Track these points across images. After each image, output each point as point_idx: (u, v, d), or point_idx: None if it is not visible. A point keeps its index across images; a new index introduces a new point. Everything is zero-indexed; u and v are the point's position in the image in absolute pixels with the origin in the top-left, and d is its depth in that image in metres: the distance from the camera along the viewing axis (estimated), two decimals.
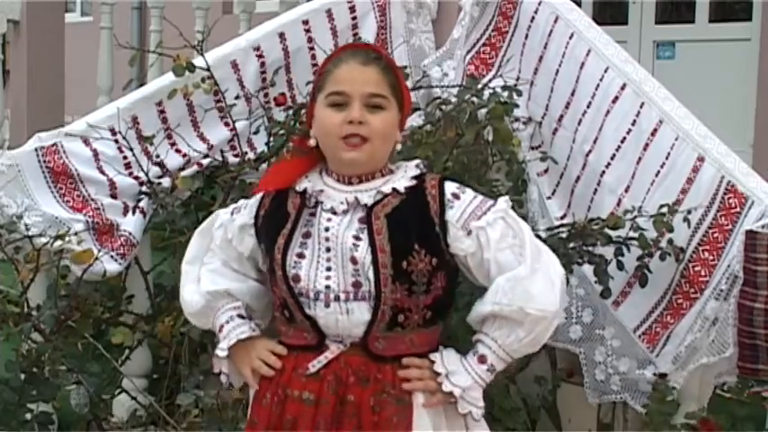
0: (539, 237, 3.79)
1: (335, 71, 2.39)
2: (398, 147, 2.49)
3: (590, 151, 4.01)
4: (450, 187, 2.43)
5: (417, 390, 2.39)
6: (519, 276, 2.36)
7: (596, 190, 3.95)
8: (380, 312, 2.34)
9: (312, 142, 2.45)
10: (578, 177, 4.05)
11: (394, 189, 2.40)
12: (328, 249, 2.38)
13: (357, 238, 2.36)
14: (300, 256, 2.38)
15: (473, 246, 2.38)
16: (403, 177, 2.44)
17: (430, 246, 2.37)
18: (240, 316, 2.53)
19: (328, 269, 2.37)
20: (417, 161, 2.51)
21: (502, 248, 2.37)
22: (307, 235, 2.40)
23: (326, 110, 2.39)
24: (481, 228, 2.38)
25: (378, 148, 2.39)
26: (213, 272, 2.58)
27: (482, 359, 2.41)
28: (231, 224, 2.55)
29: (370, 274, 2.33)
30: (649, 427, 3.56)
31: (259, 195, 2.52)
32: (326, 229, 2.39)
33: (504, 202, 2.43)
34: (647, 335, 3.73)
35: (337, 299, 2.35)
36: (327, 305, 2.35)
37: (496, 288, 2.37)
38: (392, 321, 2.36)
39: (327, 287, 2.35)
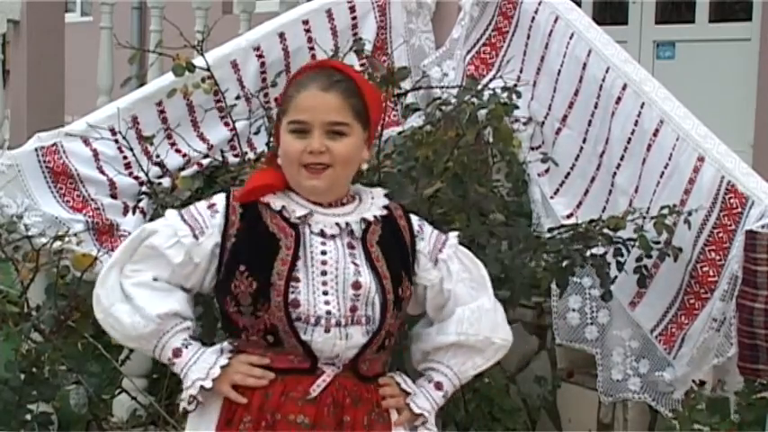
0: (537, 239, 3.83)
1: (297, 98, 2.34)
2: (365, 166, 2.46)
3: (603, 152, 4.02)
4: (414, 218, 2.51)
5: (392, 407, 2.44)
6: (484, 308, 2.48)
7: (611, 191, 3.97)
8: (377, 337, 2.37)
9: (280, 161, 2.42)
10: (593, 178, 4.06)
11: (375, 217, 2.42)
12: (324, 273, 2.34)
13: (355, 264, 2.36)
14: (296, 280, 2.33)
15: (437, 277, 2.47)
16: (373, 205, 2.45)
17: (408, 274, 2.44)
18: (193, 338, 2.43)
19: (325, 293, 2.34)
20: (383, 190, 2.52)
21: (458, 281, 2.47)
22: (296, 258, 2.35)
23: (288, 136, 2.36)
24: (444, 260, 2.47)
25: (340, 174, 2.37)
26: (147, 287, 2.40)
27: (438, 386, 2.49)
28: (198, 248, 2.38)
29: (376, 301, 2.35)
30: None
31: (221, 211, 2.39)
32: (323, 253, 2.36)
33: (454, 237, 2.52)
34: (663, 335, 3.74)
35: (338, 324, 2.33)
36: (328, 330, 2.33)
37: (460, 319, 2.46)
38: (381, 344, 2.40)
39: (329, 312, 2.32)
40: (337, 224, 2.38)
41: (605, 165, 4.02)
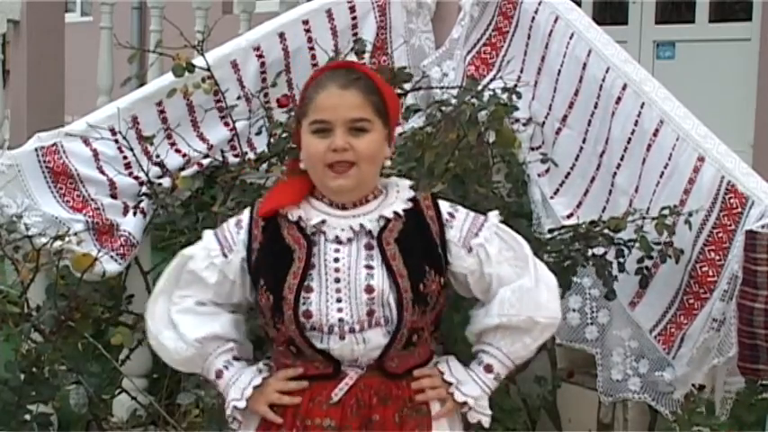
0: (538, 239, 3.83)
1: (316, 98, 2.35)
2: (388, 163, 2.45)
3: (603, 152, 4.02)
4: (445, 206, 2.46)
5: (431, 399, 2.42)
6: (525, 287, 2.42)
7: (611, 191, 3.97)
8: (399, 336, 2.35)
9: (303, 165, 2.42)
10: (593, 178, 4.06)
11: (395, 213, 2.40)
12: (337, 280, 2.35)
13: (369, 267, 2.35)
14: (308, 290, 2.35)
15: (475, 263, 2.42)
16: (398, 199, 2.43)
17: (436, 266, 2.39)
18: (236, 358, 2.48)
19: (338, 300, 2.34)
20: (408, 181, 2.51)
21: (500, 262, 2.43)
22: (311, 267, 2.36)
23: (311, 137, 2.35)
24: (480, 244, 2.42)
25: (365, 171, 2.37)
26: (190, 313, 2.47)
27: (488, 368, 2.45)
28: (229, 266, 2.43)
29: (391, 301, 2.33)
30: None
31: (245, 227, 2.43)
32: (336, 260, 2.36)
33: (494, 216, 2.47)
34: (662, 336, 3.74)
35: (352, 330, 2.33)
36: (342, 338, 2.33)
37: (502, 301, 2.42)
38: (408, 342, 2.38)
39: (341, 320, 2.33)
40: (351, 227, 2.38)
41: (605, 165, 4.02)
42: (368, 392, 2.36)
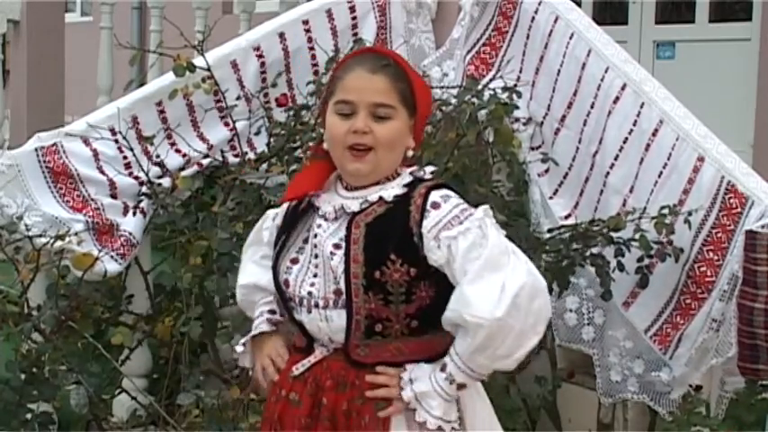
0: (537, 239, 3.83)
1: (344, 78, 2.37)
2: (410, 153, 2.43)
3: (596, 152, 4.02)
4: (434, 196, 2.35)
5: (378, 396, 2.35)
6: (462, 283, 2.29)
7: (602, 191, 3.96)
8: (354, 322, 2.34)
9: (326, 146, 2.43)
10: (587, 178, 4.06)
11: (380, 198, 2.38)
12: (316, 256, 2.39)
13: (337, 246, 2.37)
14: (294, 261, 2.43)
15: (443, 257, 2.31)
16: (397, 185, 2.41)
17: (408, 256, 2.31)
18: (271, 311, 2.57)
19: (315, 275, 2.39)
20: (429, 168, 2.47)
21: (471, 259, 2.28)
22: (305, 240, 2.43)
23: (334, 117, 2.38)
24: (452, 237, 2.30)
25: (382, 158, 2.36)
26: (252, 263, 2.65)
27: (443, 368, 2.33)
28: (273, 228, 2.59)
29: (342, 284, 2.34)
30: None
31: (284, 207, 2.55)
32: (315, 236, 2.41)
33: (481, 211, 2.35)
34: (658, 336, 3.74)
35: (317, 306, 2.37)
36: (309, 311, 2.38)
37: (453, 295, 2.30)
38: (369, 330, 2.34)
39: (310, 293, 2.38)
40: (334, 207, 2.40)
41: (598, 165, 4.01)
42: (326, 374, 2.38)
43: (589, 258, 3.68)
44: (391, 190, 2.40)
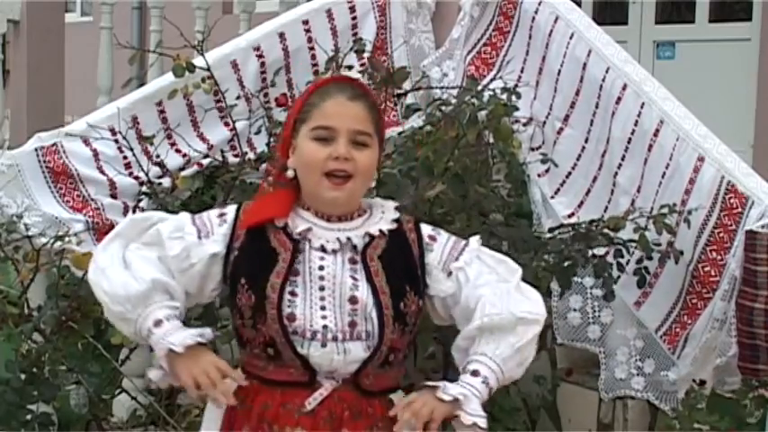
0: (538, 239, 3.82)
1: (322, 105, 2.35)
2: (372, 184, 2.46)
3: (605, 151, 4.02)
4: (426, 230, 2.46)
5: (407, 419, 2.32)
6: (505, 289, 2.40)
7: (612, 190, 3.97)
8: (379, 353, 2.34)
9: (290, 174, 2.40)
10: (595, 177, 4.07)
11: (380, 231, 2.40)
12: (322, 288, 2.35)
13: (354, 278, 2.35)
14: (293, 294, 2.33)
15: (453, 286, 2.42)
16: (382, 219, 2.43)
17: (416, 287, 2.39)
18: (177, 316, 2.37)
19: (323, 308, 2.34)
20: (394, 203, 2.51)
21: (480, 285, 2.40)
22: (295, 273, 2.35)
23: (311, 143, 2.34)
24: (460, 268, 2.42)
25: (359, 187, 2.37)
26: (148, 261, 2.38)
27: (475, 373, 2.34)
28: (198, 248, 2.39)
29: (373, 315, 2.33)
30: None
31: (229, 222, 2.41)
32: (321, 268, 2.36)
33: (475, 241, 2.47)
34: (667, 335, 3.75)
35: (335, 339, 2.32)
36: (324, 345, 2.32)
37: (482, 305, 2.37)
38: (385, 360, 2.37)
39: (325, 327, 2.32)
40: (338, 239, 2.38)
41: (606, 164, 4.02)
42: (341, 406, 2.34)
43: (591, 259, 3.67)
44: (383, 223, 2.42)
